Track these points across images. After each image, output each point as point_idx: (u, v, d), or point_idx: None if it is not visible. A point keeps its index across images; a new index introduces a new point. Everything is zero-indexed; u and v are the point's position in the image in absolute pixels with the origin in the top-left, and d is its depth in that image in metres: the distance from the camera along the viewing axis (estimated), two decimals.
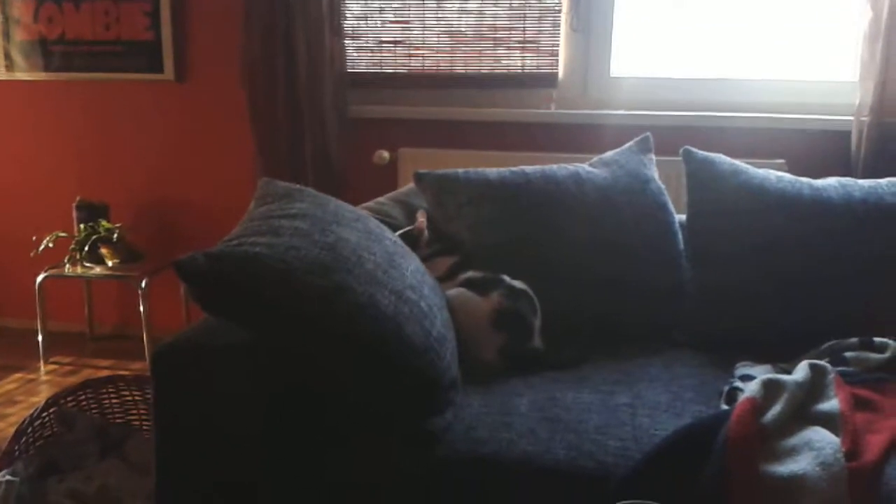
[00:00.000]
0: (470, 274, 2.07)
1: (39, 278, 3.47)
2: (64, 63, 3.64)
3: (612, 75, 3.28)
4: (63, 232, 3.54)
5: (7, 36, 3.67)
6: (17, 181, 3.83)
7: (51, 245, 3.51)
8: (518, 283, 2.04)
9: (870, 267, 2.10)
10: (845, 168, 2.97)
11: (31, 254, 3.54)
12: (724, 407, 1.67)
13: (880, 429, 1.53)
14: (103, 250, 3.48)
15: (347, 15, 3.36)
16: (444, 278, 2.06)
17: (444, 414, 1.67)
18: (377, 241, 1.81)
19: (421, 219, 2.18)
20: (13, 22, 3.65)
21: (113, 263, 3.49)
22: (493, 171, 2.27)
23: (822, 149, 3.09)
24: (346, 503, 1.65)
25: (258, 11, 3.26)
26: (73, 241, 3.49)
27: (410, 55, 3.39)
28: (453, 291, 2.00)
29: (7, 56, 3.69)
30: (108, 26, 3.56)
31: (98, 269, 3.49)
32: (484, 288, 2.00)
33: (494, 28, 3.32)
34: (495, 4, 3.29)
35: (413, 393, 1.65)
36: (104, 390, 2.41)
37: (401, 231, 2.14)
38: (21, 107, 3.76)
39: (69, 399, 2.35)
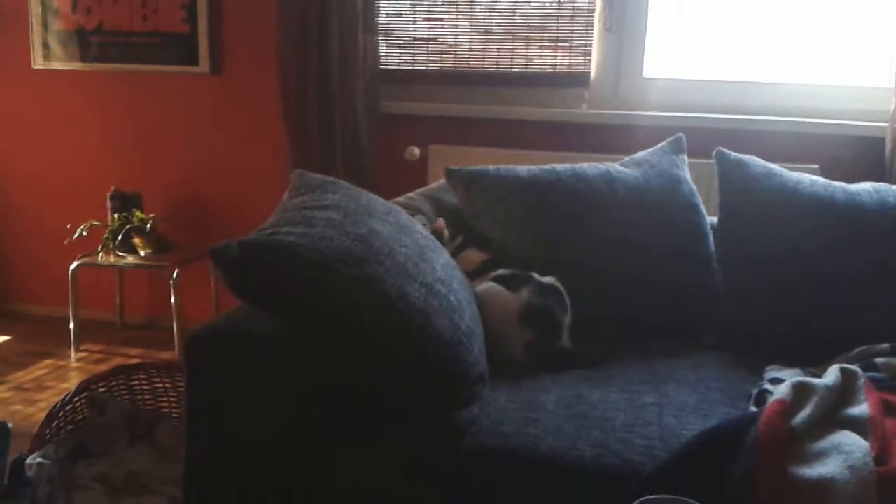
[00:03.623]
0: (500, 270, 2.07)
1: (72, 266, 3.52)
2: (101, 54, 3.69)
3: (644, 76, 3.27)
4: (97, 221, 3.59)
5: (45, 25, 3.72)
6: (52, 170, 3.88)
7: (84, 234, 3.55)
8: (549, 280, 2.04)
9: None
10: (879, 174, 2.93)
11: (65, 242, 3.59)
12: (753, 409, 1.66)
13: None
14: (136, 240, 3.52)
15: (381, 12, 3.38)
16: (475, 274, 2.06)
17: (470, 407, 1.68)
18: (408, 234, 1.82)
19: (440, 220, 2.18)
20: (52, 12, 3.69)
21: (145, 253, 3.53)
22: (523, 169, 2.27)
23: (856, 155, 3.06)
24: (371, 493, 1.66)
25: (293, 7, 3.28)
26: (107, 231, 3.53)
27: (442, 53, 3.40)
28: (483, 286, 2.01)
29: (45, 45, 3.73)
30: (145, 18, 3.60)
31: (130, 259, 3.53)
32: (514, 284, 2.00)
33: (527, 27, 3.32)
34: (528, 3, 3.29)
35: (440, 385, 1.66)
36: (135, 377, 2.44)
37: None
38: (57, 96, 3.81)
39: (101, 384, 2.38)
